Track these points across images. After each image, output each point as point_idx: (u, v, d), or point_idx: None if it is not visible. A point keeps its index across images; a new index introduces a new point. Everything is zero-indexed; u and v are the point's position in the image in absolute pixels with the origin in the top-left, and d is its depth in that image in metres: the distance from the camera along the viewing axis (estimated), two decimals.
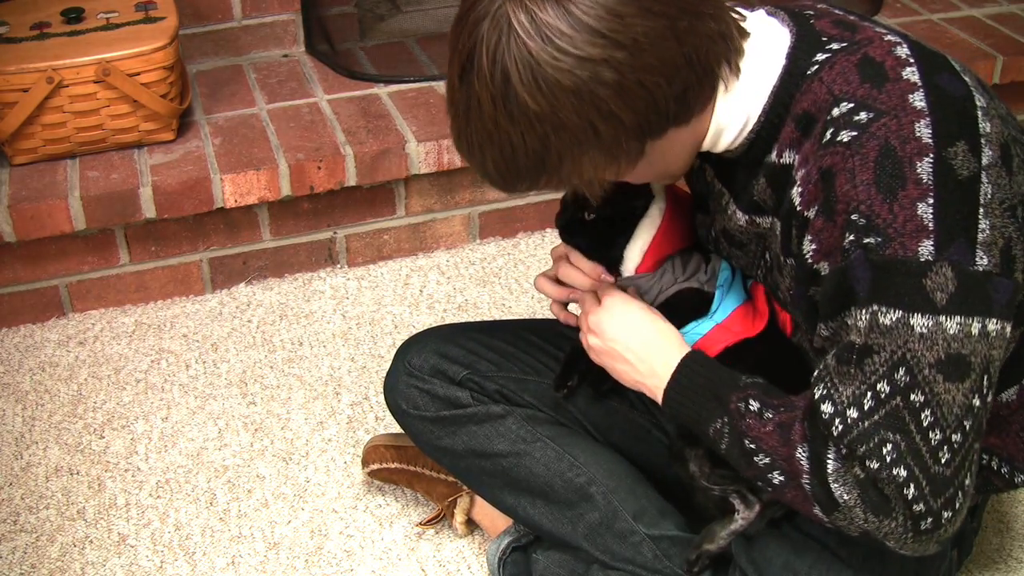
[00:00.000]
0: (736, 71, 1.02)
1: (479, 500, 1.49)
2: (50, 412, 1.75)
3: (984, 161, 0.96)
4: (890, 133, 0.95)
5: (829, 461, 0.99)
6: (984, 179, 0.95)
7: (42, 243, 1.87)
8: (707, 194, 1.20)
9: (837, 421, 0.98)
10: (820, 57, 1.02)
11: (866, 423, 0.97)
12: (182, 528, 1.55)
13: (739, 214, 1.14)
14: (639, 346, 1.17)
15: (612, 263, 1.26)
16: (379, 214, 2.07)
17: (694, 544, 1.24)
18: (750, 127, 1.06)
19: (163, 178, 1.87)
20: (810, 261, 1.01)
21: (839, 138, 0.97)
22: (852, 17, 1.08)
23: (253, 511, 1.57)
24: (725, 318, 1.22)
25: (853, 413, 0.97)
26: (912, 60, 1.00)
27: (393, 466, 1.52)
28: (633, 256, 1.24)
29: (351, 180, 1.96)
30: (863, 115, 0.97)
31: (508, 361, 1.38)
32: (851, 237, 0.95)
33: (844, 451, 0.98)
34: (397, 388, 1.39)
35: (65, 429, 1.71)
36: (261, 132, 2.01)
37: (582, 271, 1.27)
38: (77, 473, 1.64)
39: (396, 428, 1.59)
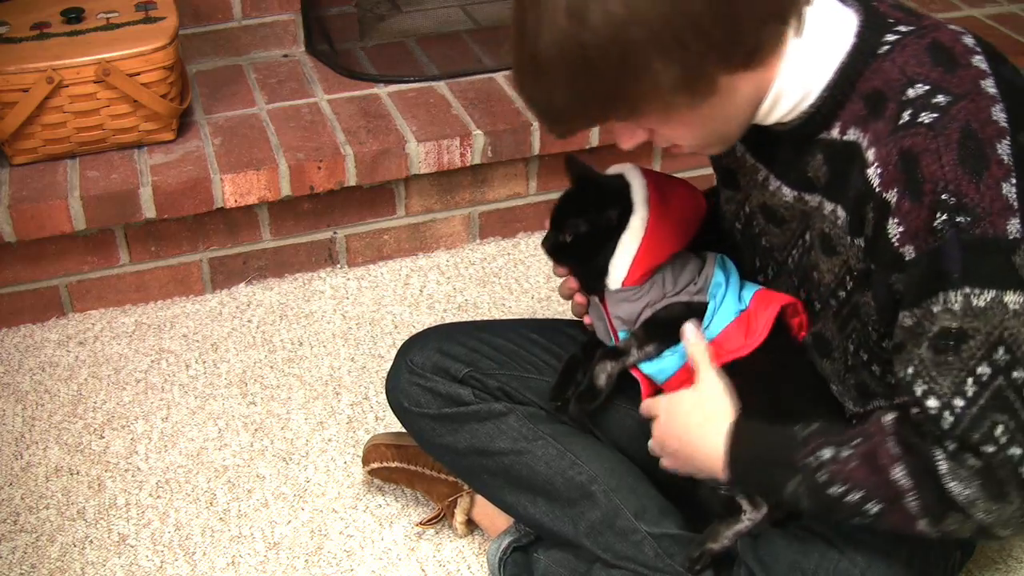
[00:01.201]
0: (799, 30, 1.01)
1: (479, 500, 1.49)
2: (50, 412, 1.75)
3: None
4: (970, 116, 0.96)
5: (940, 463, 0.98)
6: None
7: (42, 243, 1.87)
8: (737, 169, 1.20)
9: (946, 414, 0.97)
10: (890, 38, 1.03)
11: (974, 409, 0.96)
12: (182, 528, 1.55)
13: (785, 189, 1.13)
14: (696, 439, 1.16)
15: (599, 278, 1.24)
16: (379, 214, 2.07)
17: (697, 541, 1.24)
18: (810, 100, 1.05)
19: (163, 178, 1.87)
20: (896, 244, 0.99)
21: (920, 119, 0.97)
22: (908, 5, 1.08)
23: (253, 511, 1.57)
24: (717, 335, 1.21)
25: (959, 402, 0.97)
26: (978, 49, 1.02)
27: (394, 465, 1.52)
28: (618, 270, 1.22)
29: (351, 180, 1.96)
30: (941, 97, 0.97)
31: (510, 359, 1.38)
32: (943, 217, 0.95)
33: (954, 445, 0.98)
34: (399, 386, 1.39)
35: (65, 429, 1.71)
36: (261, 132, 2.01)
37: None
38: (77, 473, 1.63)
39: (396, 427, 1.59)
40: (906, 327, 1.00)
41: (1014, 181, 0.95)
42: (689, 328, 1.20)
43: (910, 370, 1.00)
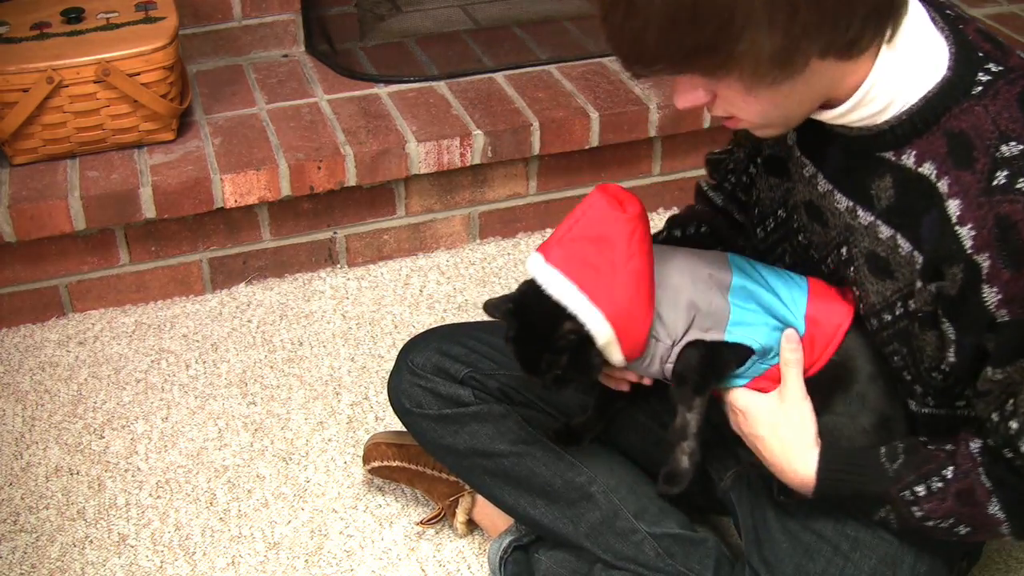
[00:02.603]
0: (892, 40, 0.99)
1: (480, 500, 1.49)
2: (50, 412, 1.75)
3: None
4: None
5: None
6: None
7: (42, 243, 1.87)
8: (786, 158, 1.18)
9: None
10: (982, 77, 1.00)
11: None
12: (182, 528, 1.55)
13: (839, 195, 1.11)
14: (779, 459, 1.16)
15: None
16: (379, 214, 2.07)
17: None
18: (887, 116, 1.03)
19: (163, 178, 1.87)
20: (991, 308, 0.98)
21: (1018, 185, 0.95)
22: (992, 33, 1.06)
23: (253, 511, 1.57)
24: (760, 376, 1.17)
25: None
26: None
27: (395, 464, 1.52)
28: (615, 359, 1.14)
29: (351, 180, 1.96)
30: None
31: (510, 359, 1.38)
32: None
33: None
34: (400, 387, 1.39)
35: (65, 429, 1.71)
36: (261, 132, 2.01)
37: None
38: (77, 473, 1.63)
39: (397, 427, 1.59)
40: (996, 380, 1.02)
41: None
42: (790, 334, 1.15)
43: (1011, 425, 1.03)
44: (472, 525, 1.52)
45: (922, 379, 1.10)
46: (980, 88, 0.99)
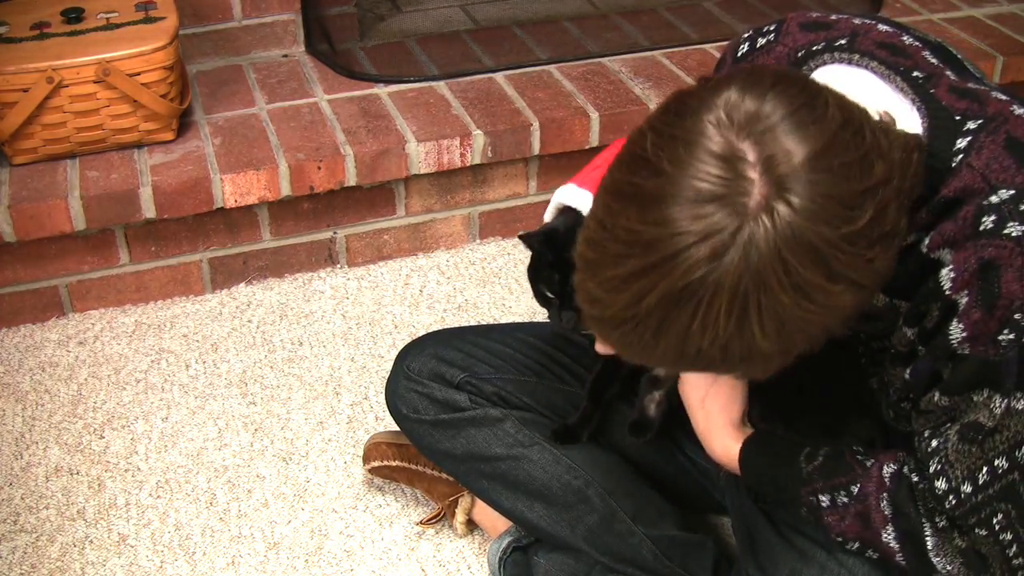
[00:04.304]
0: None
1: (479, 501, 1.49)
2: (50, 412, 1.75)
3: None
4: None
5: (928, 538, 1.01)
6: None
7: (42, 243, 1.87)
8: None
9: (951, 497, 0.99)
10: (961, 144, 0.95)
11: (979, 496, 0.97)
12: (182, 528, 1.55)
13: None
14: (707, 430, 1.17)
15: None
16: (379, 214, 2.07)
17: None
18: None
19: (163, 178, 1.87)
20: (954, 344, 0.95)
21: (1006, 231, 0.91)
22: (967, 79, 1.02)
23: (253, 511, 1.57)
24: None
25: (967, 488, 0.98)
26: None
27: (395, 464, 1.52)
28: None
29: (351, 180, 1.96)
30: None
31: (506, 363, 1.38)
32: (1010, 335, 0.92)
33: (944, 523, 1.00)
34: (397, 392, 1.40)
35: (65, 429, 1.71)
36: (261, 132, 2.01)
37: None
38: (77, 473, 1.64)
39: (395, 429, 1.59)
40: (941, 405, 1.00)
41: None
42: None
43: (932, 444, 1.00)
44: (472, 525, 1.52)
45: (894, 406, 1.09)
46: (960, 156, 0.95)
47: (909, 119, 0.97)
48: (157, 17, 1.93)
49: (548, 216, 1.21)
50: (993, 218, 0.92)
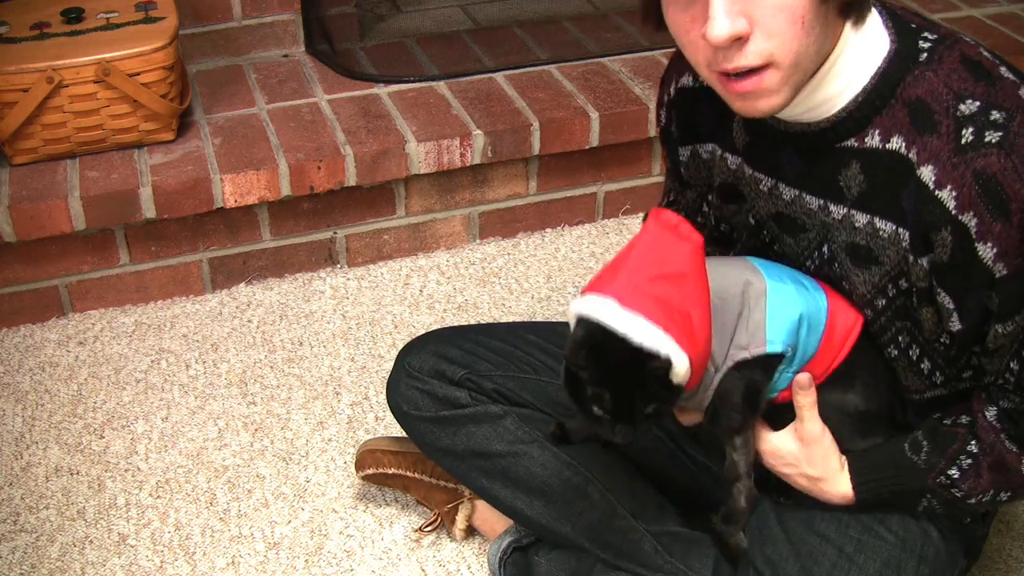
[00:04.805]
0: (859, 23, 1.01)
1: (479, 506, 1.49)
2: (50, 412, 1.75)
3: None
4: None
5: None
6: None
7: (42, 243, 1.87)
8: (737, 182, 1.18)
9: None
10: (923, 44, 1.03)
11: None
12: (182, 528, 1.55)
13: (808, 197, 1.12)
14: (815, 491, 1.19)
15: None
16: (379, 214, 2.07)
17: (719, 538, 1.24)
18: (844, 102, 1.04)
19: (163, 178, 1.87)
20: (989, 265, 0.99)
21: (986, 139, 0.97)
22: (908, 8, 1.09)
23: (253, 511, 1.57)
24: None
25: None
26: (996, 60, 1.03)
27: (390, 471, 1.51)
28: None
29: (351, 180, 1.96)
30: (996, 114, 0.98)
31: (506, 360, 1.38)
32: None
33: None
34: (398, 390, 1.40)
35: (65, 429, 1.71)
36: (261, 132, 2.01)
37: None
38: (77, 473, 1.64)
39: (395, 429, 1.59)
40: (1007, 334, 1.04)
41: None
42: (802, 379, 1.14)
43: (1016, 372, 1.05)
44: (471, 531, 1.52)
45: (929, 350, 1.11)
46: (925, 55, 1.02)
47: (875, 19, 1.04)
48: (157, 17, 1.93)
49: (572, 327, 1.14)
50: (971, 130, 0.98)
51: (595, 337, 1.07)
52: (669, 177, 1.34)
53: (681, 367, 1.04)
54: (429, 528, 1.51)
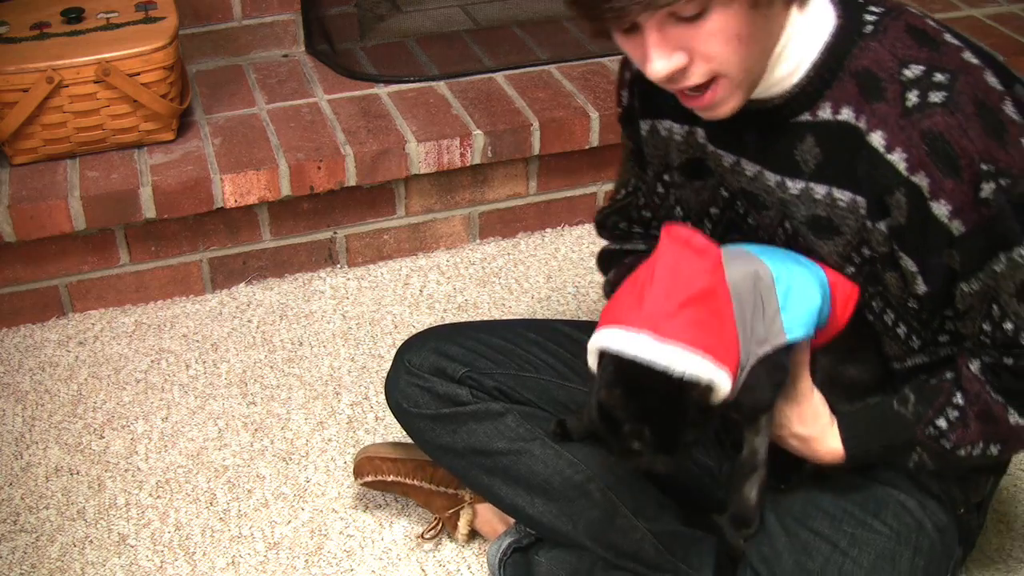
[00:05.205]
0: (804, 3, 1.04)
1: (480, 510, 1.49)
2: (50, 412, 1.75)
3: None
4: (973, 87, 1.01)
5: None
6: None
7: (42, 243, 1.87)
8: (703, 157, 1.20)
9: None
10: (869, 17, 1.06)
11: None
12: (182, 528, 1.55)
13: (768, 174, 1.14)
14: (810, 450, 1.19)
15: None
16: (379, 214, 2.07)
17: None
18: (796, 78, 1.07)
19: (163, 178, 1.87)
20: (945, 222, 1.02)
21: (930, 99, 1.01)
22: None
23: (253, 511, 1.57)
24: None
25: None
26: (940, 28, 1.07)
27: (389, 479, 1.51)
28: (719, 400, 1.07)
29: (351, 180, 1.96)
30: (940, 76, 1.01)
31: (507, 358, 1.38)
32: (989, 186, 1.00)
33: None
34: (398, 387, 1.39)
35: (65, 429, 1.71)
36: (261, 132, 2.01)
37: None
38: (77, 473, 1.64)
39: (396, 428, 1.59)
40: (974, 292, 1.06)
41: None
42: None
43: (1006, 324, 1.06)
44: (473, 535, 1.52)
45: (903, 313, 1.13)
46: (871, 27, 1.05)
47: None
48: (157, 17, 1.93)
49: (591, 363, 1.11)
50: (915, 92, 1.01)
51: (628, 374, 1.04)
52: (629, 162, 1.35)
53: (724, 388, 1.03)
54: (431, 534, 1.51)
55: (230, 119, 2.05)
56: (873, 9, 1.07)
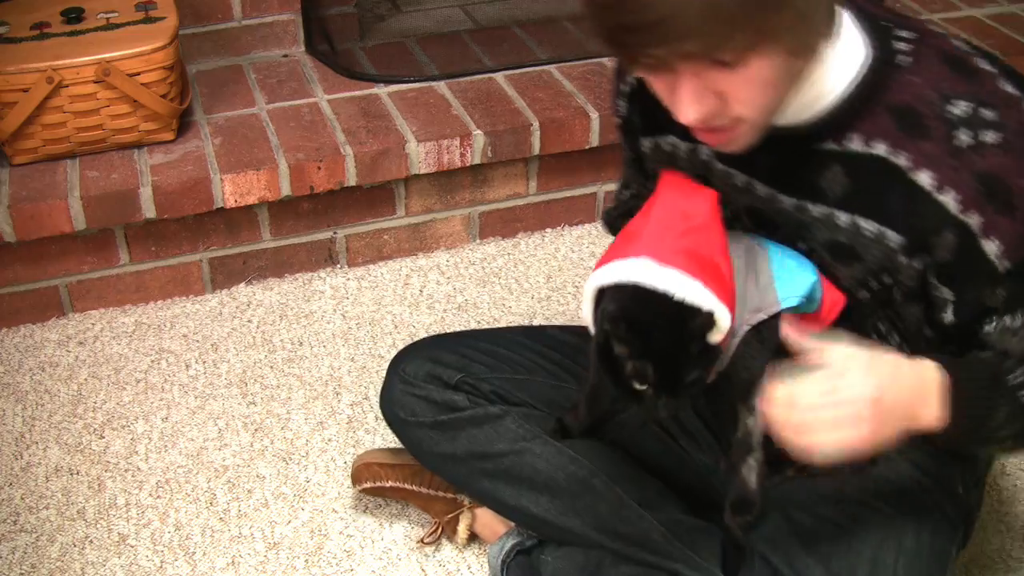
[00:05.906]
0: (836, 37, 1.01)
1: (480, 514, 1.49)
2: (50, 412, 1.75)
3: None
4: (1020, 122, 1.00)
5: None
6: None
7: (42, 243, 1.87)
8: (707, 175, 1.18)
9: None
10: (900, 45, 1.03)
11: None
12: (182, 528, 1.55)
13: (783, 197, 1.12)
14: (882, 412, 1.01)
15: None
16: (379, 214, 2.07)
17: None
18: (824, 104, 1.04)
19: (163, 178, 1.87)
20: (994, 261, 1.01)
21: (984, 139, 0.99)
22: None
23: (253, 511, 1.57)
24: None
25: None
26: (971, 50, 1.04)
27: (388, 484, 1.51)
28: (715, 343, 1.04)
29: (351, 180, 1.96)
30: (987, 113, 1.00)
31: (500, 362, 1.38)
32: None
33: None
34: (393, 397, 1.39)
35: (65, 429, 1.71)
36: (261, 132, 2.01)
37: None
38: (77, 473, 1.64)
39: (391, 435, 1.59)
40: (1014, 328, 1.05)
41: None
42: (789, 335, 1.07)
43: None
44: (473, 537, 1.51)
45: (910, 337, 1.12)
46: (903, 57, 1.03)
47: (848, 22, 1.03)
48: (157, 17, 1.93)
49: (586, 310, 1.09)
50: (966, 131, 0.99)
51: (629, 306, 1.02)
52: (629, 169, 1.33)
53: (724, 321, 1.01)
54: (430, 538, 1.51)
55: (230, 119, 2.05)
56: (901, 34, 1.04)
